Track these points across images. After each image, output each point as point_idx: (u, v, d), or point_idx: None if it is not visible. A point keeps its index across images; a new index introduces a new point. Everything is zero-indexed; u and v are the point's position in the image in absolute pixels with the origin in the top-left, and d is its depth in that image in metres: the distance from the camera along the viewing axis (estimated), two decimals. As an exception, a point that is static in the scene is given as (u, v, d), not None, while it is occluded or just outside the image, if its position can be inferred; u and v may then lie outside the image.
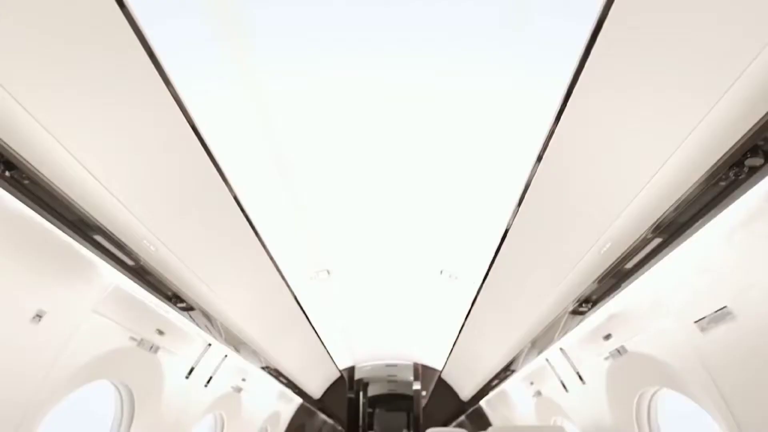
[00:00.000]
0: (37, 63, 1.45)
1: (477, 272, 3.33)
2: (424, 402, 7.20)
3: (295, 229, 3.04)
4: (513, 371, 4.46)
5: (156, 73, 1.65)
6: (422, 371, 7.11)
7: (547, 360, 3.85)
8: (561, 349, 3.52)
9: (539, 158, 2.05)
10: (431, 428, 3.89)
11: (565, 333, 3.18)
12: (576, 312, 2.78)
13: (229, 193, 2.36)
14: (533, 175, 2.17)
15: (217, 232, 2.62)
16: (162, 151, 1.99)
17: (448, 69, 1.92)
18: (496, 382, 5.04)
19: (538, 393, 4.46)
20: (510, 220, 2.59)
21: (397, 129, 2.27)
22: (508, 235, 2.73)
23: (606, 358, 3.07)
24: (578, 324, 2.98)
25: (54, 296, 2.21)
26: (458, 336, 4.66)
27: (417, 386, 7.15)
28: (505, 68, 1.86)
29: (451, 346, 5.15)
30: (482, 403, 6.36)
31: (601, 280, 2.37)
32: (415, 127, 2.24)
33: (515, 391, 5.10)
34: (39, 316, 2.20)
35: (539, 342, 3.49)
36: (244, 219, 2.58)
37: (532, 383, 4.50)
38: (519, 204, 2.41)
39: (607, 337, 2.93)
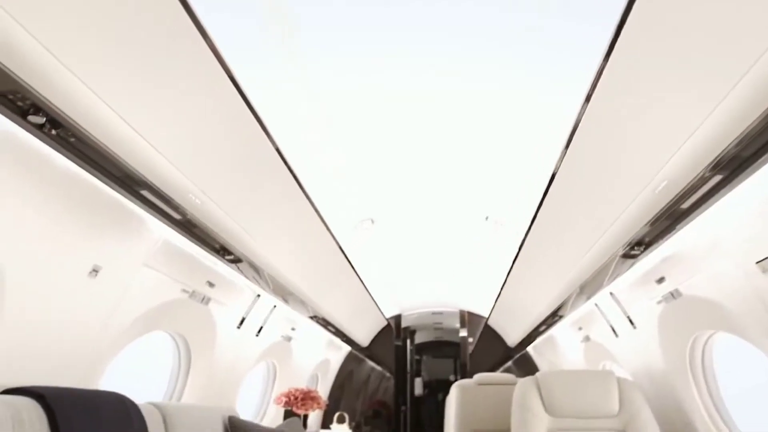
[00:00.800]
0: (81, 23, 1.43)
1: (523, 218, 3.26)
2: (470, 348, 7.26)
3: (337, 180, 3.03)
4: (560, 317, 4.42)
5: (195, 29, 1.62)
6: (468, 318, 7.13)
7: (596, 305, 3.79)
8: (611, 293, 3.46)
9: (587, 98, 1.94)
10: (478, 374, 3.91)
11: (616, 277, 3.11)
12: (627, 255, 2.70)
13: (272, 146, 2.35)
14: (581, 116, 2.06)
15: (261, 185, 2.64)
16: (204, 106, 1.98)
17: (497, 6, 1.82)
18: (543, 327, 5.02)
19: (587, 338, 4.42)
20: (557, 163, 2.49)
21: (439, 72, 2.19)
22: (555, 178, 2.64)
23: (659, 302, 2.99)
24: (629, 268, 2.90)
25: (107, 251, 2.28)
26: (504, 282, 4.62)
27: (463, 333, 7.20)
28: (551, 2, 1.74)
29: (498, 293, 5.13)
30: (529, 349, 6.37)
31: (655, 221, 2.27)
32: (460, 69, 2.16)
33: (563, 337, 5.08)
34: (95, 271, 2.28)
35: (588, 287, 3.43)
36: (287, 170, 2.57)
37: (580, 328, 4.46)
38: (566, 147, 2.31)
39: (660, 280, 2.85)
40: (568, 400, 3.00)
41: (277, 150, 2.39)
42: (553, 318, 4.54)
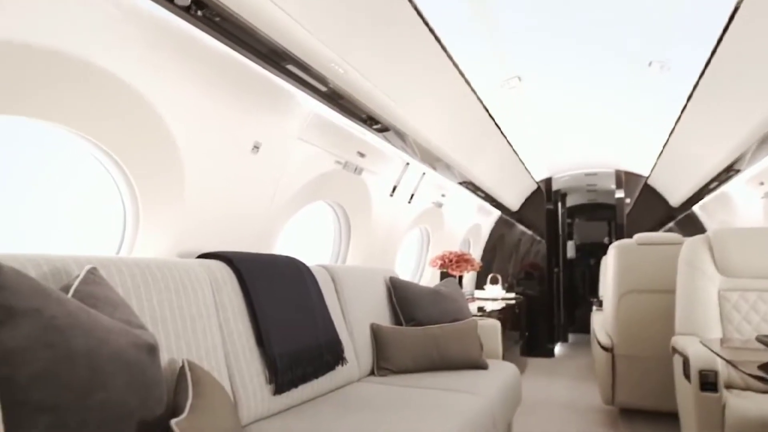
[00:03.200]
0: None
1: (695, 60, 2.84)
2: (627, 210, 6.90)
3: (479, 36, 2.84)
4: (737, 171, 3.97)
5: None
6: (626, 178, 6.69)
7: (784, 155, 3.33)
8: (805, 139, 3.00)
9: None
10: (639, 233, 3.72)
11: (812, 121, 2.66)
12: (832, 93, 2.27)
13: (411, 6, 2.23)
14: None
15: (403, 49, 2.56)
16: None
17: None
18: (714, 184, 4.57)
19: (769, 194, 3.96)
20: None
21: None
22: (738, 11, 2.22)
23: None
24: (833, 108, 2.46)
25: (264, 128, 2.42)
26: (669, 137, 4.19)
27: (620, 194, 6.81)
28: None
29: (661, 149, 4.69)
30: (695, 208, 5.90)
31: None
32: None
33: (738, 194, 4.59)
34: (257, 147, 2.44)
35: (774, 135, 3.00)
36: (428, 31, 2.46)
37: (761, 183, 3.99)
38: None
39: None
40: (746, 260, 2.76)
41: (416, 10, 2.27)
42: (727, 173, 4.09)
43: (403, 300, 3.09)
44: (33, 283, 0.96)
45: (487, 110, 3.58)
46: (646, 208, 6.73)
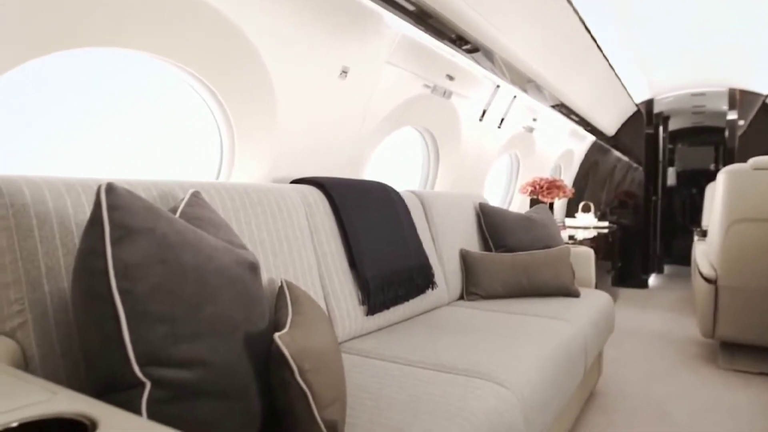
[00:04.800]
0: None
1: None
2: (739, 133, 6.30)
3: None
4: None
5: None
6: (740, 97, 6.08)
7: None
8: None
9: None
10: (756, 158, 3.40)
11: None
12: None
13: None
14: None
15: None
16: None
17: None
18: None
19: None
20: None
21: None
22: None
23: None
24: None
25: (352, 52, 2.38)
26: (798, 47, 3.72)
27: (732, 116, 6.20)
28: None
29: (786, 62, 4.20)
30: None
31: None
32: None
33: None
34: (345, 72, 2.42)
35: None
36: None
37: None
38: None
39: None
40: None
41: None
42: None
43: (492, 226, 3.05)
44: (146, 203, 1.01)
45: (584, 23, 3.31)
46: (762, 131, 6.12)
